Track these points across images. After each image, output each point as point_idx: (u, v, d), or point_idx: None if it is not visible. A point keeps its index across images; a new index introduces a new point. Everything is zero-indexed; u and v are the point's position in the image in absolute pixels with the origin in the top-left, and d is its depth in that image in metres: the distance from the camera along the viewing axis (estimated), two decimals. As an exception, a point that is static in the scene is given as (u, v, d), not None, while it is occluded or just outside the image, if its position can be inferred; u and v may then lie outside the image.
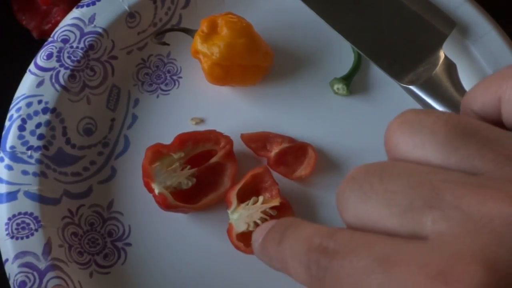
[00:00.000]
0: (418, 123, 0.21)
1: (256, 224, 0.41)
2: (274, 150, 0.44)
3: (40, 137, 0.43)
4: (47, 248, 0.40)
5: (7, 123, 0.43)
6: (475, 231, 0.18)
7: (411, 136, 0.21)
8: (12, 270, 0.40)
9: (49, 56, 0.45)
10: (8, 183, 0.42)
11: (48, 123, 0.43)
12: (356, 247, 0.19)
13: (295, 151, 0.44)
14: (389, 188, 0.20)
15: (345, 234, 0.20)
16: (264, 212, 0.42)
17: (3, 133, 0.43)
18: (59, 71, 0.44)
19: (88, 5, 0.46)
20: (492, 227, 0.18)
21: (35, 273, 0.40)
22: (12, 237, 0.40)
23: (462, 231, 0.18)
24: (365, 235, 0.19)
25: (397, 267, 0.18)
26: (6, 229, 0.41)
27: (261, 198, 0.42)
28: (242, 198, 0.42)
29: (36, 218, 0.41)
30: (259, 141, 0.45)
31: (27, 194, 0.42)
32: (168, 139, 0.43)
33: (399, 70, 0.44)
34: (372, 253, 0.19)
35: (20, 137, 0.43)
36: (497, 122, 0.23)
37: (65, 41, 0.45)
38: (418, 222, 0.19)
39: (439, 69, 0.43)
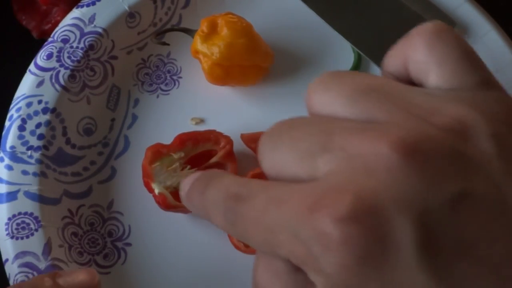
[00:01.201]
0: (331, 81, 0.23)
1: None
2: None
3: (40, 137, 0.43)
4: (47, 248, 0.40)
5: (7, 123, 0.43)
6: (352, 167, 0.20)
7: (324, 93, 0.23)
8: (12, 270, 0.40)
9: (49, 56, 0.45)
10: (8, 183, 0.42)
11: (48, 123, 0.43)
12: (257, 192, 0.21)
13: None
14: (294, 135, 0.22)
15: (255, 183, 0.22)
16: (264, 212, 0.42)
17: (3, 133, 0.43)
18: (59, 71, 0.44)
19: (88, 5, 0.46)
20: (365, 162, 0.19)
21: (35, 273, 0.40)
22: (12, 237, 0.40)
23: (342, 168, 0.20)
24: (268, 183, 0.22)
25: (285, 204, 0.20)
26: (6, 229, 0.41)
27: (261, 198, 0.42)
28: (242, 198, 0.42)
29: (36, 218, 0.41)
30: (259, 141, 0.45)
31: (27, 194, 0.42)
32: (168, 139, 0.43)
33: (399, 70, 0.44)
34: (268, 196, 0.21)
35: (20, 137, 0.43)
36: (410, 81, 0.24)
37: (65, 41, 0.45)
38: (314, 165, 0.21)
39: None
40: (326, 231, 0.19)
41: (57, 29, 0.46)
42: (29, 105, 0.43)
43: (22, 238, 0.41)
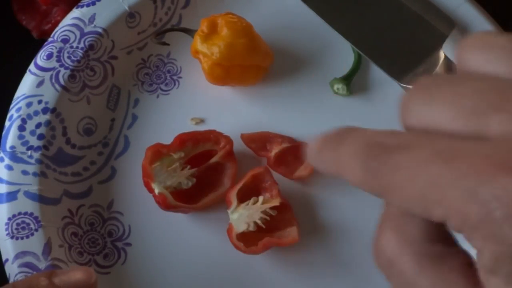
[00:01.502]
0: (491, 41, 0.21)
1: (256, 224, 0.41)
2: (274, 150, 0.44)
3: (40, 137, 0.43)
4: (47, 248, 0.40)
5: (7, 123, 0.43)
6: None
7: (482, 52, 0.21)
8: (12, 270, 0.40)
9: (49, 56, 0.45)
10: (8, 183, 0.42)
11: (48, 123, 0.43)
12: (418, 142, 0.19)
13: (295, 151, 0.44)
14: (457, 91, 0.19)
15: (408, 133, 0.20)
16: (264, 212, 0.42)
17: (3, 133, 0.43)
18: (59, 71, 0.44)
19: (88, 5, 0.46)
20: None
21: (35, 273, 0.40)
22: (12, 237, 0.40)
23: None
24: (429, 135, 0.20)
25: (459, 158, 0.18)
26: (6, 229, 0.41)
27: (261, 198, 0.42)
28: (242, 198, 0.42)
29: (36, 218, 0.41)
30: (259, 141, 0.45)
31: (27, 194, 0.42)
32: (168, 139, 0.43)
33: (399, 70, 0.44)
34: (434, 147, 0.19)
35: (20, 137, 0.43)
36: None
37: (65, 41, 0.45)
38: (484, 123, 0.19)
39: (439, 69, 0.43)
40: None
41: (57, 29, 0.46)
42: (29, 105, 0.43)
43: (22, 238, 0.41)
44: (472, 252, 0.19)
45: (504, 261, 0.18)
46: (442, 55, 0.44)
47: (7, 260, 0.40)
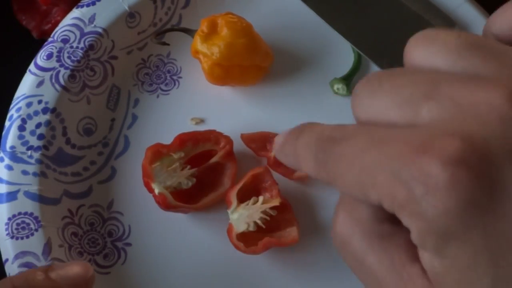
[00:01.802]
0: (434, 36, 0.22)
1: (256, 224, 0.41)
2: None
3: (40, 137, 0.43)
4: (47, 248, 0.40)
5: (7, 123, 0.43)
6: (462, 115, 0.19)
7: (426, 47, 0.22)
8: (12, 270, 0.40)
9: (49, 56, 0.45)
10: (8, 183, 0.42)
11: (48, 123, 0.43)
12: (357, 134, 0.21)
13: None
14: (395, 83, 0.21)
15: (351, 126, 0.22)
16: (264, 212, 0.42)
17: (3, 133, 0.43)
18: (59, 71, 0.44)
19: (88, 5, 0.46)
20: (477, 111, 0.19)
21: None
22: (12, 237, 0.40)
23: (450, 116, 0.19)
24: (367, 126, 0.21)
25: (387, 144, 0.20)
26: (6, 229, 0.41)
27: (261, 198, 0.42)
28: (242, 198, 0.42)
29: (36, 218, 0.41)
30: (259, 141, 0.45)
31: (27, 194, 0.42)
32: (168, 139, 0.43)
33: (399, 70, 0.44)
34: (369, 137, 0.21)
35: (20, 137, 0.43)
36: None
37: (65, 41, 0.45)
38: (415, 111, 0.20)
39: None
40: (433, 173, 0.18)
41: (57, 29, 0.46)
42: (29, 105, 0.43)
43: (22, 238, 0.41)
44: None
45: (428, 236, 0.19)
46: (442, 55, 0.44)
47: (7, 260, 0.40)
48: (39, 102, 0.44)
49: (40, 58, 0.45)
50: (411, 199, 0.19)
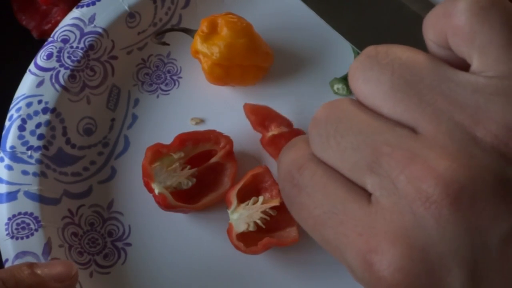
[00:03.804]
0: (370, 69, 0.22)
1: (256, 224, 0.41)
2: (272, 131, 0.44)
3: (40, 137, 0.43)
4: (47, 248, 0.40)
5: (7, 123, 0.43)
6: (401, 210, 0.20)
7: (364, 84, 0.23)
8: (12, 270, 0.40)
9: (49, 56, 0.45)
10: (8, 183, 0.42)
11: (48, 123, 0.43)
12: (314, 192, 0.23)
13: (289, 137, 0.44)
14: (341, 143, 0.22)
15: (309, 172, 0.23)
16: (264, 212, 0.42)
17: (3, 133, 0.43)
18: (59, 71, 0.44)
19: (88, 5, 0.46)
20: (414, 208, 0.20)
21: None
22: (12, 237, 0.40)
23: (392, 207, 0.20)
24: (322, 180, 0.23)
25: (341, 227, 0.22)
26: (6, 229, 0.41)
27: (261, 198, 0.42)
28: (242, 198, 0.42)
29: (36, 218, 0.41)
30: (259, 115, 0.44)
31: (27, 194, 0.42)
32: (168, 139, 0.43)
33: (399, 70, 0.44)
34: (325, 204, 0.22)
35: (20, 137, 0.43)
36: (450, 49, 0.24)
37: (65, 41, 0.45)
38: (362, 181, 0.21)
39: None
40: (379, 275, 0.20)
41: (57, 29, 0.46)
42: (29, 105, 0.43)
43: (22, 238, 0.41)
44: None
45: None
46: (442, 55, 0.44)
47: (7, 260, 0.40)
48: (39, 102, 0.44)
49: (40, 58, 0.45)
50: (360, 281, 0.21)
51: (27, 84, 0.44)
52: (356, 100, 0.23)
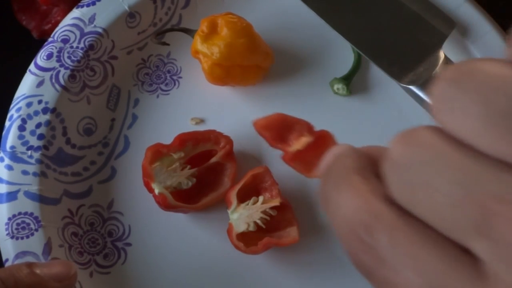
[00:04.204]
0: (456, 92, 0.17)
1: (256, 224, 0.41)
2: (295, 144, 0.36)
3: (40, 137, 0.43)
4: (47, 248, 0.40)
5: (7, 123, 0.43)
6: None
7: (450, 113, 0.17)
8: (12, 270, 0.40)
9: (49, 56, 0.45)
10: (8, 183, 0.42)
11: (48, 123, 0.43)
12: (401, 267, 0.17)
13: (316, 144, 0.36)
14: (434, 196, 0.17)
15: (386, 235, 0.18)
16: (264, 212, 0.42)
17: (3, 133, 0.43)
18: (59, 71, 0.44)
19: (88, 5, 0.46)
20: None
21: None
22: (12, 237, 0.40)
23: (505, 274, 0.16)
24: (408, 244, 0.17)
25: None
26: (6, 229, 0.41)
27: (261, 198, 0.42)
28: (242, 198, 0.42)
29: (36, 218, 0.41)
30: (274, 129, 0.37)
31: (27, 194, 0.42)
32: (168, 139, 0.43)
33: (399, 70, 0.44)
34: (421, 282, 0.17)
35: (20, 137, 0.43)
36: None
37: (65, 41, 0.45)
38: (466, 243, 0.17)
39: (439, 69, 0.43)
40: None
41: (57, 29, 0.46)
42: (29, 105, 0.43)
43: (22, 238, 0.41)
44: None
45: None
46: (442, 55, 0.44)
47: (7, 260, 0.40)
48: (39, 102, 0.44)
49: (40, 58, 0.45)
50: None
51: (27, 84, 0.44)
52: (440, 129, 0.18)
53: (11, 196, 0.41)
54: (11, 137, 0.43)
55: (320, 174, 0.21)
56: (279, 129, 0.38)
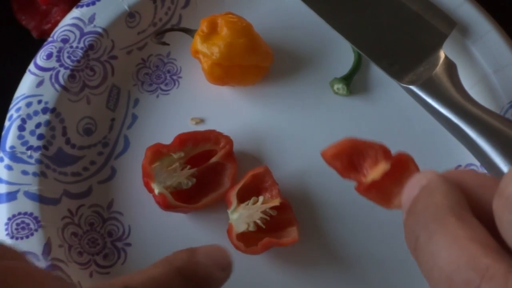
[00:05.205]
0: None
1: (256, 224, 0.41)
2: (371, 174, 0.31)
3: (40, 137, 0.43)
4: (47, 248, 0.40)
5: (7, 123, 0.43)
6: None
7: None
8: (12, 270, 0.40)
9: (49, 56, 0.45)
10: (8, 183, 0.42)
11: (48, 123, 0.43)
12: None
13: (395, 173, 0.31)
14: None
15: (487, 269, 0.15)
16: (264, 212, 0.42)
17: (3, 133, 0.43)
18: (59, 71, 0.44)
19: (88, 5, 0.46)
20: None
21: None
22: (12, 237, 0.40)
23: None
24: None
25: None
26: (6, 229, 0.41)
27: (261, 198, 0.42)
28: (242, 198, 0.42)
29: (36, 218, 0.41)
30: (345, 158, 0.32)
31: (27, 194, 0.42)
32: (168, 139, 0.43)
33: (399, 70, 0.44)
34: None
35: (20, 137, 0.43)
36: None
37: (65, 41, 0.45)
38: None
39: (439, 69, 0.43)
40: None
41: (57, 29, 0.46)
42: (29, 105, 0.43)
43: (22, 238, 0.41)
44: None
45: None
46: (442, 55, 0.44)
47: (7, 260, 0.40)
48: (39, 102, 0.44)
49: (40, 58, 0.45)
50: None
51: (27, 84, 0.44)
52: None
53: (11, 196, 0.41)
54: (10, 137, 0.43)
55: (404, 208, 0.18)
56: (351, 157, 0.33)
